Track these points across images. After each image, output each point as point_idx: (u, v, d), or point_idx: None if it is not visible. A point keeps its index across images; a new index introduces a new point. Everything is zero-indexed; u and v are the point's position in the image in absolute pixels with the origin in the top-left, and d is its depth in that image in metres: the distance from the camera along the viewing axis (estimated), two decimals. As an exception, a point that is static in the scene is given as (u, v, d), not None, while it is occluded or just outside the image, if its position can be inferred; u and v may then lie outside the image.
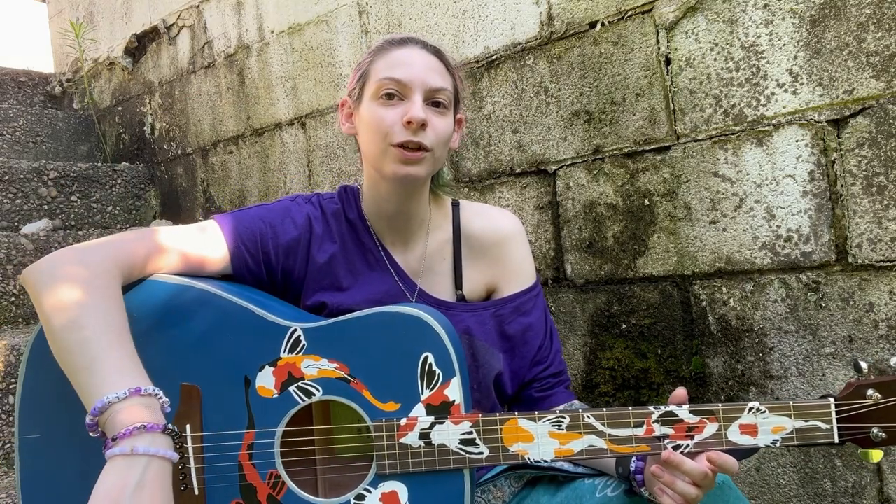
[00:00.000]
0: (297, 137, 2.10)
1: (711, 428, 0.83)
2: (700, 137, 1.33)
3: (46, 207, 2.38)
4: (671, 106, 1.36)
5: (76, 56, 2.96)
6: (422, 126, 0.97)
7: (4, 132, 2.69)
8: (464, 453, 0.85)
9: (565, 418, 0.85)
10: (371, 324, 0.89)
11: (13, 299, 1.93)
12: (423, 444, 0.85)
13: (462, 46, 1.67)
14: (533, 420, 0.86)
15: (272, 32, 2.16)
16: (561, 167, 1.52)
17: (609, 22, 1.43)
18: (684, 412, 0.83)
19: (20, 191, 2.32)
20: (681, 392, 0.85)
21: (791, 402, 0.82)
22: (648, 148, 1.39)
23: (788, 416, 0.82)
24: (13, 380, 1.59)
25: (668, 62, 1.37)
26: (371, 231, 1.07)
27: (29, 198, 2.34)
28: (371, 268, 1.05)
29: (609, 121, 1.44)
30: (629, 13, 1.40)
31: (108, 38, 2.87)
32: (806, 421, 0.82)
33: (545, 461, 0.85)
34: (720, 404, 0.83)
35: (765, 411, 0.82)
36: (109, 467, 0.70)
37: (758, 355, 1.29)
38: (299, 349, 0.89)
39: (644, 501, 0.87)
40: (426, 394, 0.87)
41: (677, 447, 0.83)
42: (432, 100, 1.00)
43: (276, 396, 0.88)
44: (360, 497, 0.86)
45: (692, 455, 0.82)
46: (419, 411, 0.86)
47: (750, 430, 0.83)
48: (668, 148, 1.37)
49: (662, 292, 1.40)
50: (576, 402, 1.06)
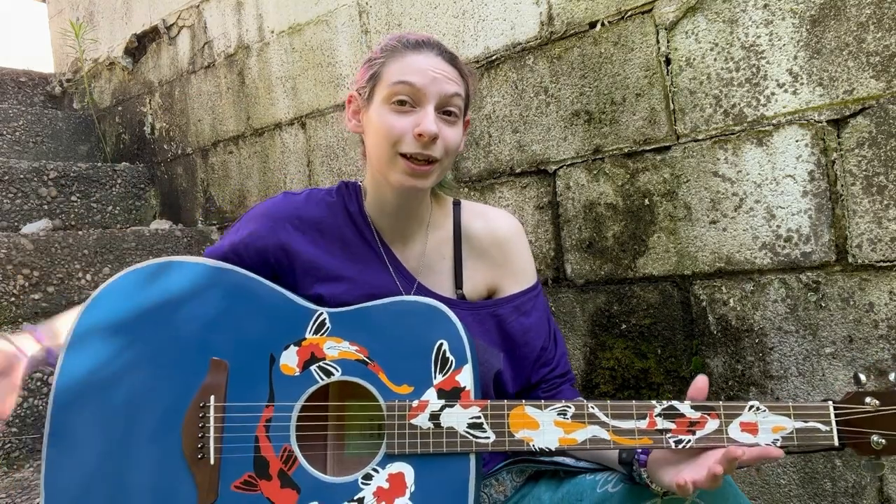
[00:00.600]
0: (297, 137, 2.10)
1: (713, 424, 0.84)
2: (700, 137, 1.33)
3: (46, 207, 2.38)
4: (671, 106, 1.36)
5: (76, 56, 2.96)
6: (432, 140, 0.97)
7: (4, 132, 2.69)
8: (471, 437, 0.88)
9: (570, 408, 0.87)
10: (392, 311, 0.94)
11: (13, 299, 1.93)
12: (433, 426, 0.88)
13: (462, 46, 1.67)
14: (539, 408, 0.88)
15: (272, 32, 2.16)
16: (561, 167, 1.52)
17: (609, 22, 1.43)
18: (686, 407, 0.84)
19: (20, 191, 2.32)
20: (702, 380, 0.85)
21: (791, 403, 0.84)
22: (648, 148, 1.39)
23: (788, 416, 0.83)
24: (13, 380, 1.59)
25: (668, 62, 1.37)
26: (371, 226, 1.08)
27: (29, 198, 2.34)
28: (370, 262, 1.06)
29: (609, 121, 1.44)
30: (629, 13, 1.40)
31: (108, 38, 2.87)
32: (805, 422, 0.83)
33: (549, 448, 0.87)
34: (721, 402, 0.84)
35: (765, 410, 0.83)
36: None
37: (758, 355, 1.29)
38: (324, 331, 0.95)
39: (645, 491, 0.87)
40: (439, 379, 0.90)
41: (679, 442, 0.83)
42: (444, 108, 0.99)
43: (298, 374, 0.93)
44: (368, 476, 0.88)
45: (698, 451, 0.83)
46: (431, 395, 0.89)
47: (750, 429, 0.83)
48: (668, 148, 1.37)
49: (662, 292, 1.40)
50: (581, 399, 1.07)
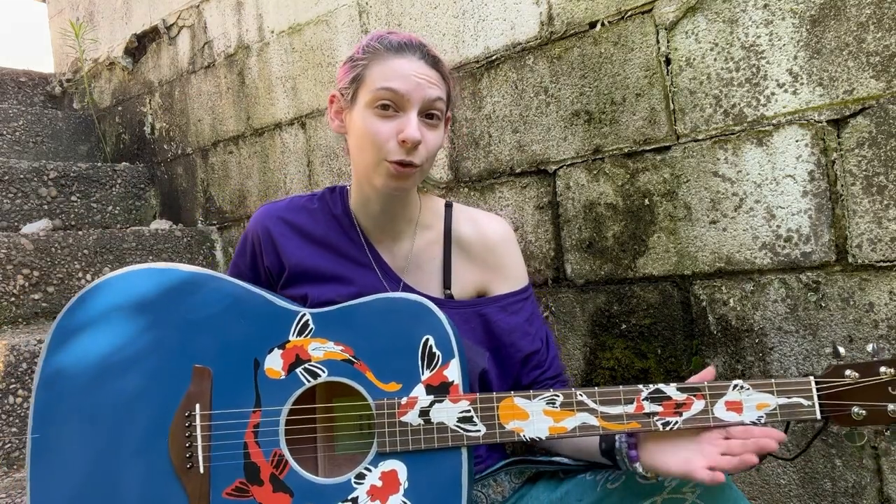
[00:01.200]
0: (297, 137, 2.10)
1: (699, 405, 0.85)
2: (700, 137, 1.33)
3: (46, 207, 2.38)
4: (671, 106, 1.36)
5: (76, 56, 2.96)
6: (415, 146, 0.98)
7: (4, 132, 2.69)
8: (461, 431, 0.88)
9: (559, 396, 0.88)
10: (376, 309, 0.93)
11: (13, 299, 1.93)
12: (423, 423, 0.88)
13: (462, 46, 1.67)
14: (528, 398, 0.88)
15: (272, 32, 2.16)
16: (561, 167, 1.52)
17: (609, 22, 1.43)
18: (672, 390, 0.86)
19: (20, 191, 2.32)
20: (710, 371, 0.87)
21: (773, 380, 0.86)
22: (648, 148, 1.39)
23: (771, 393, 0.85)
24: (13, 380, 1.59)
25: (668, 62, 1.37)
26: (357, 227, 1.09)
27: (29, 198, 2.34)
28: (355, 262, 1.07)
29: (609, 121, 1.44)
30: (629, 13, 1.40)
31: (108, 38, 2.87)
32: (788, 398, 0.85)
33: (539, 438, 0.87)
34: (706, 382, 0.85)
35: (748, 388, 0.85)
36: None
37: (758, 355, 1.29)
38: (307, 332, 0.93)
39: (644, 487, 0.87)
40: (426, 374, 0.90)
41: (666, 424, 0.85)
42: (426, 112, 1.01)
43: (284, 378, 0.92)
44: (361, 476, 0.88)
45: (693, 433, 0.85)
46: (419, 391, 0.89)
47: (735, 407, 0.85)
48: (668, 148, 1.37)
49: (662, 292, 1.40)
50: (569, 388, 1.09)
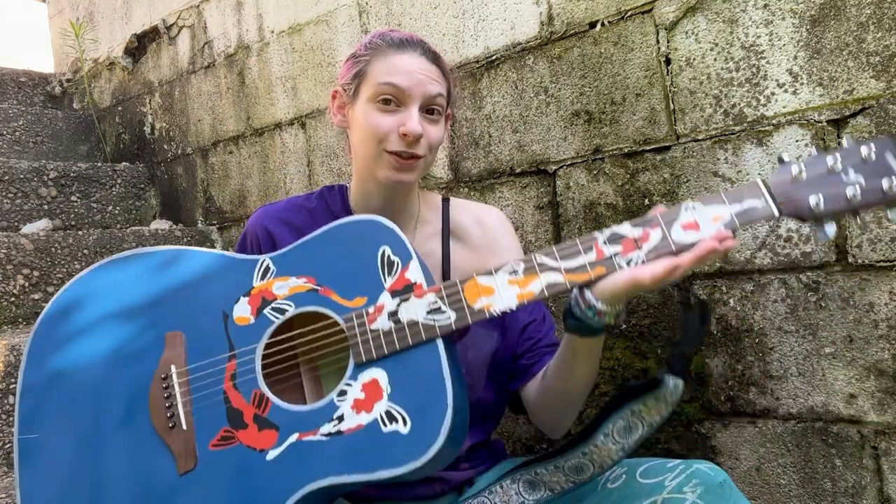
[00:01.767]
0: (297, 137, 2.10)
1: (656, 235, 0.84)
2: (700, 137, 1.33)
3: (46, 207, 2.38)
4: (671, 106, 1.36)
5: (76, 56, 2.96)
6: (417, 139, 1.01)
7: (4, 132, 2.69)
8: (433, 322, 0.87)
9: (520, 264, 0.88)
10: (329, 236, 0.95)
11: (13, 299, 1.93)
12: (394, 324, 0.88)
13: (462, 46, 1.67)
14: (490, 274, 0.88)
15: (272, 32, 2.16)
16: (561, 167, 1.52)
17: (609, 22, 1.43)
18: (626, 228, 0.85)
19: (20, 191, 2.32)
20: (659, 207, 0.87)
21: (721, 192, 0.84)
22: (648, 148, 1.39)
23: (724, 203, 0.84)
24: (13, 380, 1.59)
25: (668, 62, 1.37)
26: None
27: (29, 198, 2.34)
28: None
29: (609, 121, 1.44)
30: (629, 13, 1.40)
31: (108, 38, 2.87)
32: (741, 203, 0.83)
33: (510, 309, 0.86)
34: (657, 213, 0.85)
35: (699, 205, 0.84)
36: None
37: (758, 355, 1.29)
38: (270, 275, 0.95)
39: (644, 487, 0.87)
40: (389, 282, 0.91)
41: (630, 261, 0.84)
42: (427, 107, 1.03)
43: (253, 322, 0.93)
44: (342, 393, 0.88)
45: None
46: (385, 298, 0.90)
47: (692, 226, 0.84)
48: (668, 148, 1.37)
49: (662, 292, 1.40)
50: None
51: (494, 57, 1.62)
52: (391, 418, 0.85)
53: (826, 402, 1.23)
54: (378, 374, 0.87)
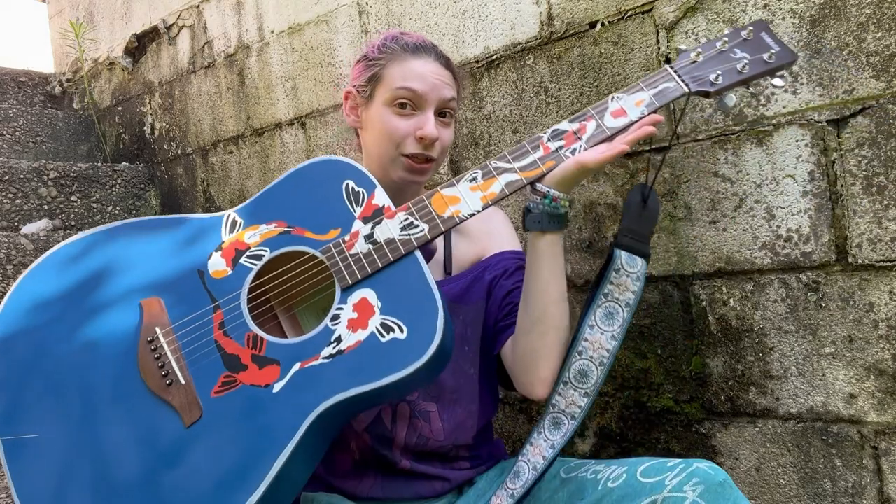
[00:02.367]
0: (298, 137, 2.10)
1: (591, 125, 0.97)
2: (700, 137, 1.33)
3: (46, 207, 2.38)
4: (671, 106, 1.36)
5: (76, 56, 2.96)
6: (433, 142, 1.06)
7: (4, 132, 2.69)
8: (408, 236, 0.92)
9: (478, 171, 0.96)
10: (291, 180, 0.99)
11: (13, 299, 1.93)
12: (372, 246, 0.92)
13: (462, 46, 1.67)
14: (452, 185, 0.96)
15: (272, 32, 2.16)
16: (561, 167, 1.52)
17: (609, 22, 1.43)
18: (565, 124, 0.98)
19: (20, 191, 2.32)
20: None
21: (639, 80, 0.98)
22: (648, 148, 1.39)
23: (642, 90, 0.97)
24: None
25: (669, 62, 1.37)
26: None
27: (29, 198, 2.34)
28: None
29: (609, 121, 1.44)
30: (629, 13, 1.40)
31: (108, 38, 2.87)
32: (657, 87, 0.97)
33: (477, 211, 0.94)
34: (588, 107, 0.98)
35: (622, 95, 0.98)
36: None
37: (758, 355, 1.29)
38: (238, 227, 0.98)
39: (644, 486, 0.87)
40: (358, 210, 0.95)
41: (574, 150, 0.96)
42: (441, 111, 1.08)
43: (231, 272, 0.95)
44: (335, 318, 0.90)
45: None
46: (358, 225, 0.94)
47: (620, 113, 0.97)
48: (668, 148, 1.37)
49: (662, 292, 1.40)
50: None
51: (494, 57, 1.62)
52: (387, 329, 0.87)
53: (826, 402, 1.23)
54: (366, 293, 0.90)
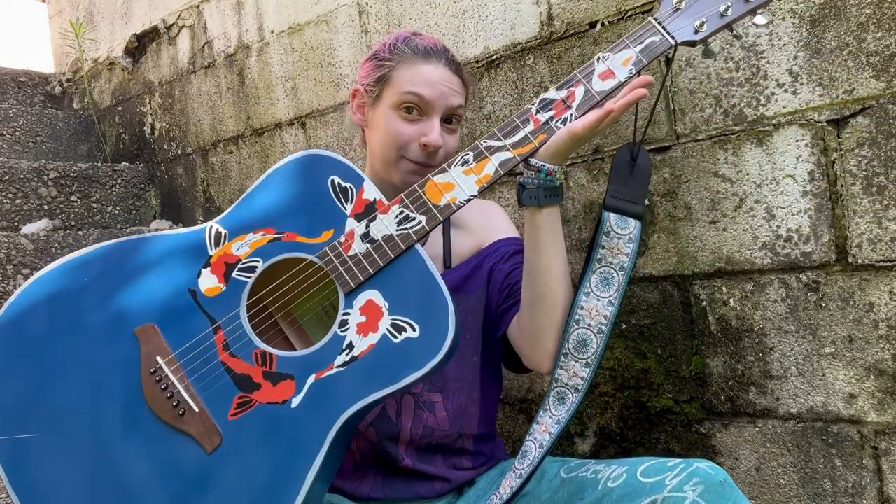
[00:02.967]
0: (298, 137, 2.10)
1: (580, 91, 0.94)
2: (700, 137, 1.33)
3: (46, 207, 2.38)
4: (671, 106, 1.36)
5: (76, 56, 2.96)
6: (436, 150, 1.05)
7: (4, 132, 2.69)
8: (406, 230, 0.90)
9: (469, 153, 0.93)
10: (273, 182, 0.94)
11: (13, 299, 1.93)
12: (370, 245, 0.90)
13: (462, 46, 1.67)
14: (445, 171, 0.93)
15: (272, 32, 2.16)
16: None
17: (609, 22, 1.43)
18: (553, 92, 0.94)
19: (20, 191, 2.32)
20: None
21: (623, 38, 0.95)
22: (648, 148, 1.39)
23: (628, 47, 0.94)
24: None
25: (668, 62, 1.36)
26: None
27: (29, 198, 2.34)
28: None
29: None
30: (629, 13, 1.40)
31: (108, 38, 2.87)
32: (642, 42, 0.94)
33: (473, 195, 0.91)
34: (575, 72, 0.95)
35: (608, 55, 0.94)
36: None
37: (758, 355, 1.29)
38: (223, 239, 0.93)
39: (644, 486, 0.87)
40: (349, 207, 0.92)
41: (565, 121, 0.93)
42: (447, 117, 1.08)
43: (225, 288, 0.91)
44: (343, 323, 0.88)
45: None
46: (351, 224, 0.91)
47: (608, 75, 0.94)
48: (668, 148, 1.37)
49: (662, 292, 1.40)
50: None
51: (494, 57, 1.62)
52: (398, 329, 0.86)
53: (826, 402, 1.23)
54: (372, 295, 0.88)
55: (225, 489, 0.83)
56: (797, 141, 1.23)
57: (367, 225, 0.90)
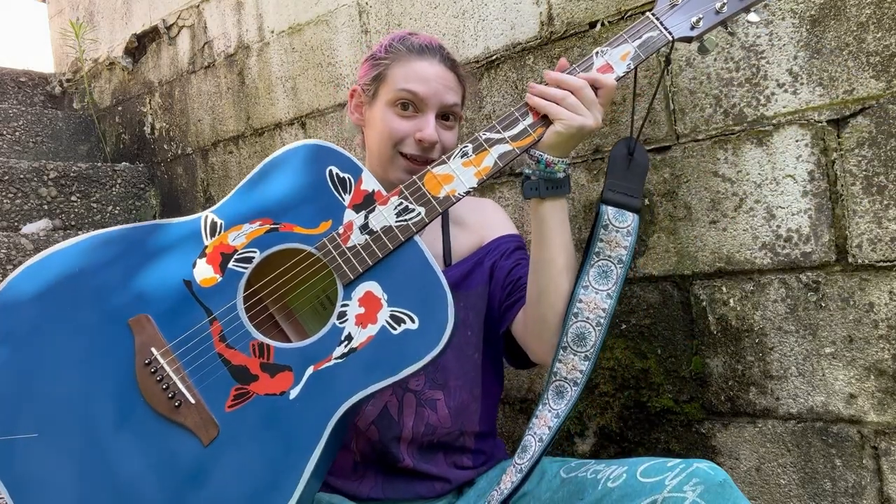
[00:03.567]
0: (298, 137, 2.10)
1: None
2: (700, 137, 1.33)
3: (46, 207, 2.38)
4: (671, 106, 1.36)
5: (76, 56, 2.96)
6: (432, 145, 1.05)
7: (4, 132, 2.69)
8: (405, 222, 0.89)
9: (468, 146, 0.93)
10: (269, 173, 0.93)
11: (13, 299, 1.93)
12: (369, 236, 0.89)
13: (462, 46, 1.67)
14: (444, 163, 0.92)
15: (272, 32, 2.16)
16: (561, 167, 1.52)
17: (609, 22, 1.43)
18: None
19: (20, 191, 2.32)
20: (562, 62, 0.97)
21: (621, 33, 0.96)
22: (648, 148, 1.39)
23: (626, 42, 0.95)
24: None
25: (668, 62, 1.36)
26: None
27: (29, 198, 2.34)
28: None
29: (609, 121, 1.44)
30: (629, 13, 1.40)
31: (108, 38, 2.87)
32: (640, 37, 0.95)
33: (472, 188, 0.91)
34: (573, 65, 0.96)
35: (606, 50, 0.96)
36: None
37: (758, 355, 1.29)
38: (219, 229, 0.93)
39: (644, 486, 0.86)
40: (347, 198, 0.91)
41: None
42: (443, 114, 1.08)
43: (221, 279, 0.90)
44: (342, 315, 0.87)
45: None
46: (350, 215, 0.90)
47: (606, 69, 0.95)
48: (668, 148, 1.37)
49: (662, 292, 1.40)
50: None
51: (494, 57, 1.62)
52: (397, 321, 0.85)
53: (826, 402, 1.23)
54: (370, 286, 0.88)
55: (222, 482, 0.82)
56: (797, 141, 1.23)
57: (366, 216, 0.89)
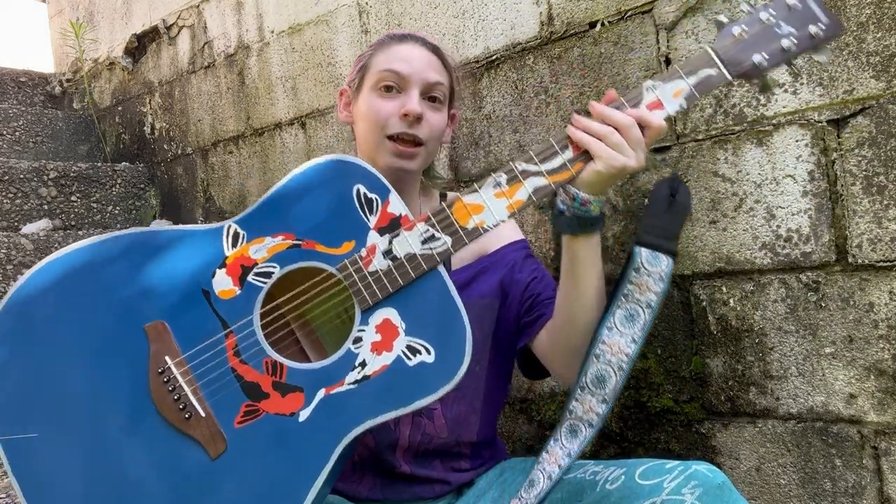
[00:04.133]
0: (297, 137, 2.10)
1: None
2: (700, 137, 1.33)
3: (46, 207, 2.38)
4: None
5: (76, 56, 2.96)
6: (417, 119, 1.03)
7: (4, 132, 2.69)
8: (430, 251, 0.86)
9: (502, 176, 0.88)
10: (296, 187, 0.90)
11: (13, 299, 1.93)
12: (391, 262, 0.86)
13: (462, 46, 1.67)
14: (475, 192, 0.88)
15: (272, 32, 2.16)
16: (561, 167, 1.52)
17: (609, 22, 1.43)
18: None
19: (20, 191, 2.32)
20: (610, 94, 0.91)
21: (675, 66, 0.88)
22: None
23: (681, 78, 0.87)
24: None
25: (668, 62, 1.37)
26: None
27: (29, 198, 2.34)
28: None
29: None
30: (629, 13, 1.40)
31: (108, 38, 2.87)
32: (697, 74, 0.87)
33: (503, 221, 0.87)
34: (621, 98, 0.89)
35: (659, 83, 0.88)
36: None
37: (758, 355, 1.29)
38: (241, 240, 0.90)
39: (643, 489, 0.86)
40: (373, 220, 0.88)
41: None
42: (429, 94, 1.06)
43: (240, 292, 0.88)
44: (357, 340, 0.86)
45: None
46: (374, 238, 0.87)
47: (656, 106, 0.88)
48: (668, 148, 1.37)
49: (662, 292, 1.39)
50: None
51: (494, 57, 1.62)
52: (413, 351, 0.84)
53: (826, 402, 1.23)
54: (389, 314, 0.86)
55: (226, 497, 0.83)
56: (797, 141, 1.23)
57: (390, 241, 0.87)
